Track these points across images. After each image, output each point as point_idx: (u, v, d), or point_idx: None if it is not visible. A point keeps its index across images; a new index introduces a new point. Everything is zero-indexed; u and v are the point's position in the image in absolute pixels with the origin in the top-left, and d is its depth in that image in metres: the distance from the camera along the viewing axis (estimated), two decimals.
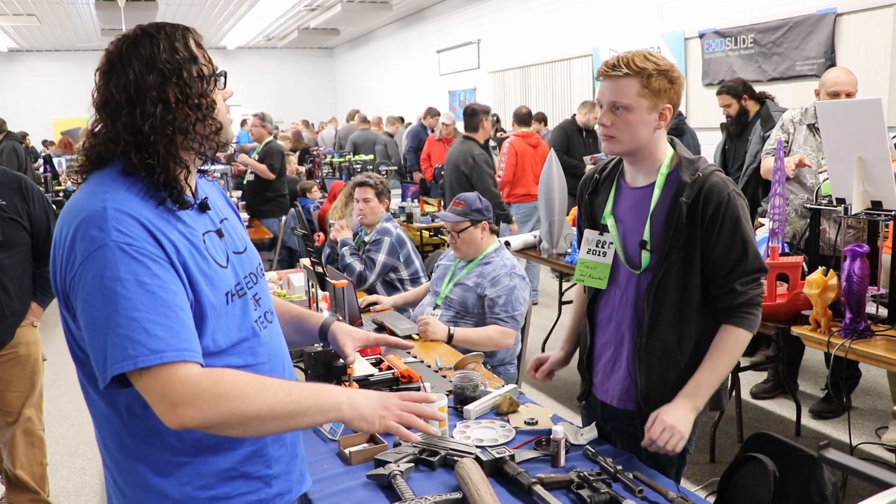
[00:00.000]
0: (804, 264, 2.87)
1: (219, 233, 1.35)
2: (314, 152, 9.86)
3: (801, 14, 6.05)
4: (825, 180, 3.17)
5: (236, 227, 1.44)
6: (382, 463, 1.81)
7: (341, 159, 8.71)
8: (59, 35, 15.00)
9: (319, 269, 3.05)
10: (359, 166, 7.88)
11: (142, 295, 1.14)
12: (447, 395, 2.15)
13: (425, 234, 6.95)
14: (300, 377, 2.28)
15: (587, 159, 5.82)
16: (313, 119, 15.63)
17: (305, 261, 3.41)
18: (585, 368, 2.02)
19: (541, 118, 8.87)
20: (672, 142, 1.88)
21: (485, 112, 5.66)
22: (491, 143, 7.65)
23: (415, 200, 7.07)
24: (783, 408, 4.01)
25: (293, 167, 8.21)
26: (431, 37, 13.23)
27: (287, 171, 7.54)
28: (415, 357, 2.69)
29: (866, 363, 2.58)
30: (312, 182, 7.84)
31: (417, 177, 8.68)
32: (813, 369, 4.38)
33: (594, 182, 1.99)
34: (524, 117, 6.59)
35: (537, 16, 9.91)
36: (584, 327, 2.01)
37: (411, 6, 13.00)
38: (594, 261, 1.94)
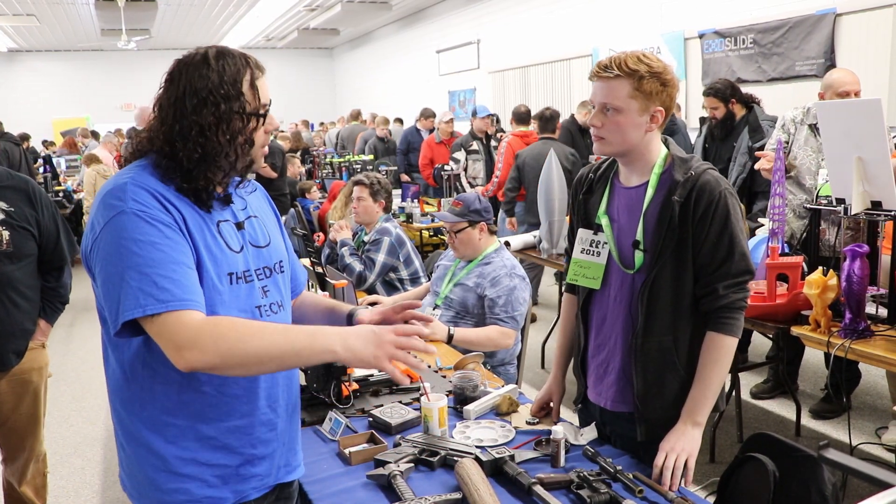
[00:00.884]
0: (804, 264, 2.87)
1: (239, 225, 1.47)
2: (314, 152, 9.86)
3: (801, 14, 6.05)
4: (825, 182, 3.18)
5: (265, 226, 1.55)
6: (382, 463, 1.81)
7: (341, 159, 8.71)
8: (59, 35, 15.00)
9: (319, 270, 3.05)
10: (359, 166, 7.88)
11: (153, 253, 1.29)
12: (447, 395, 2.14)
13: (425, 234, 6.95)
14: (300, 376, 2.28)
15: (592, 158, 5.82)
16: (313, 119, 15.63)
17: (305, 261, 3.41)
18: (580, 371, 2.02)
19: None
20: (666, 141, 1.87)
21: (557, 116, 6.11)
22: (492, 143, 7.66)
23: (415, 200, 7.07)
24: (783, 408, 4.01)
25: (296, 169, 8.20)
26: (431, 37, 13.23)
27: (289, 173, 7.54)
28: (415, 357, 2.68)
29: (866, 363, 2.58)
30: (312, 182, 7.84)
31: (403, 178, 8.62)
32: (813, 369, 4.38)
33: (588, 181, 1.99)
34: (523, 116, 6.58)
35: (537, 16, 9.91)
36: (578, 329, 2.00)
37: (411, 6, 13.00)
38: (588, 260, 1.93)
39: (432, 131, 8.78)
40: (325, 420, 2.10)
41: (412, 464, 1.81)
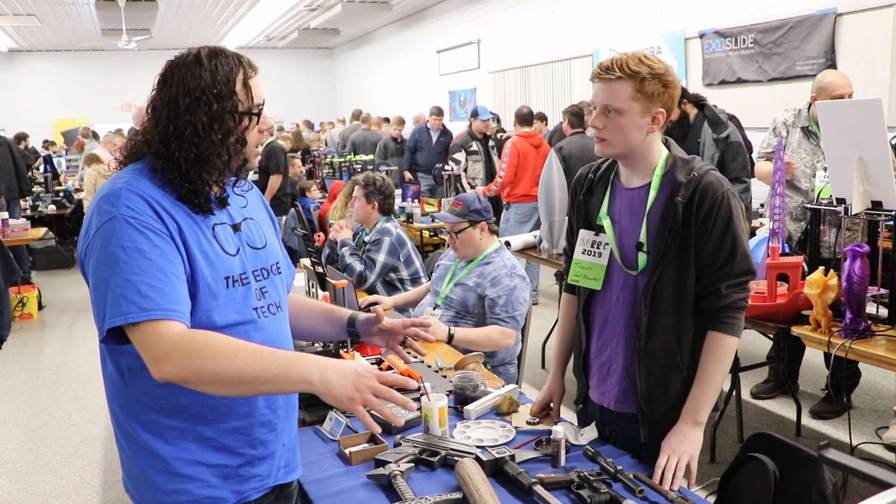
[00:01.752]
0: (804, 264, 2.87)
1: (235, 227, 1.47)
2: (314, 152, 9.85)
3: (801, 14, 6.05)
4: (826, 183, 3.18)
5: (261, 228, 1.55)
6: (383, 463, 1.81)
7: (341, 159, 8.71)
8: (59, 35, 15.00)
9: (319, 269, 3.05)
10: (359, 166, 7.88)
11: (140, 261, 1.29)
12: (447, 395, 2.14)
13: (425, 234, 6.95)
14: None
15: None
16: (314, 119, 15.63)
17: (306, 261, 3.41)
18: (581, 371, 2.01)
19: (542, 117, 8.87)
20: (667, 142, 1.87)
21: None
22: (490, 143, 7.66)
23: (415, 200, 7.07)
24: (783, 408, 4.01)
25: (297, 169, 8.20)
26: (431, 37, 13.23)
27: (291, 173, 7.54)
28: (415, 357, 2.69)
29: (866, 363, 2.58)
30: (312, 182, 7.84)
31: (407, 176, 8.61)
32: (813, 369, 4.38)
33: (588, 182, 1.98)
34: (526, 117, 6.57)
35: (537, 16, 9.91)
36: (580, 329, 2.00)
37: (411, 6, 13.00)
38: (589, 261, 1.93)
39: (444, 132, 8.72)
40: (326, 420, 2.10)
41: (412, 464, 1.81)
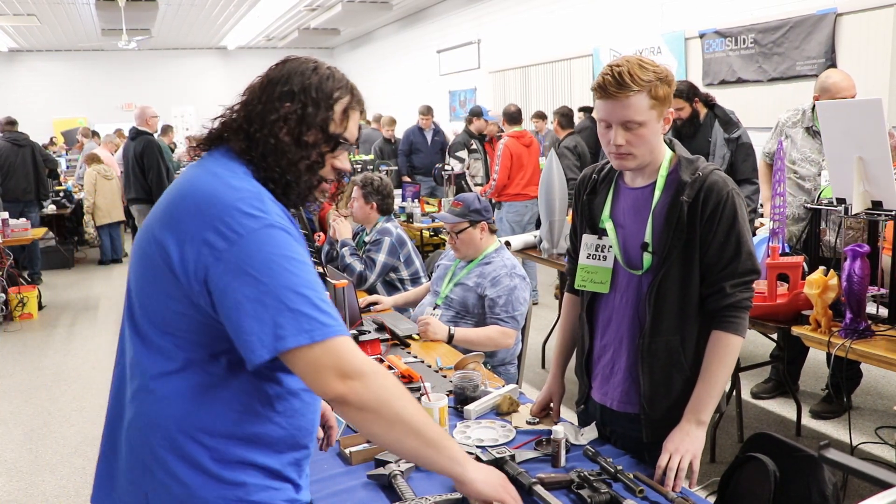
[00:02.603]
0: (804, 264, 2.87)
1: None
2: None
3: (802, 14, 6.05)
4: (827, 183, 3.18)
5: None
6: (383, 463, 1.81)
7: None
8: (59, 35, 14.99)
9: (320, 269, 3.05)
10: (359, 166, 7.88)
11: (307, 274, 1.20)
12: (447, 395, 2.14)
13: (425, 234, 6.95)
14: None
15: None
16: None
17: None
18: (584, 372, 2.01)
19: (541, 115, 8.87)
20: (670, 142, 1.87)
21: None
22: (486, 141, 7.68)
23: (415, 200, 7.07)
24: (783, 408, 4.01)
25: None
26: (431, 37, 13.23)
27: None
28: (415, 357, 2.69)
29: (867, 363, 2.58)
30: None
31: (405, 180, 8.52)
32: (813, 369, 4.38)
33: (592, 182, 1.98)
34: (514, 116, 6.53)
35: (537, 16, 9.91)
36: (583, 330, 2.00)
37: (411, 6, 13.00)
38: (594, 265, 1.93)
39: (437, 130, 8.71)
40: None
41: (412, 463, 1.81)
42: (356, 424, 1.26)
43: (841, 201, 2.69)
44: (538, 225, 6.10)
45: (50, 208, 8.96)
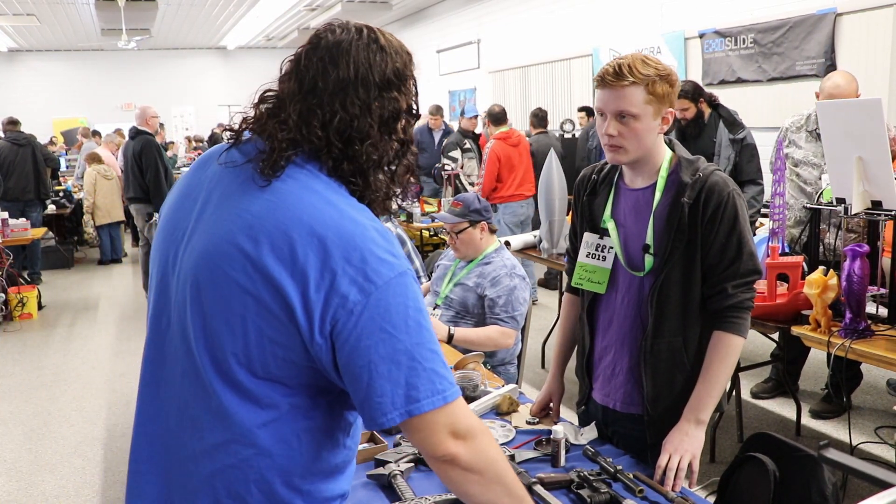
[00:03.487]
0: (804, 264, 2.87)
1: None
2: None
3: (801, 14, 6.05)
4: (827, 185, 3.19)
5: None
6: (382, 463, 1.81)
7: None
8: (59, 35, 14.99)
9: None
10: None
11: (431, 327, 1.11)
12: None
13: (425, 234, 6.95)
14: None
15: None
16: None
17: None
18: (585, 373, 2.01)
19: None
20: (670, 143, 1.87)
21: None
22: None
23: (415, 200, 7.07)
24: (783, 408, 4.01)
25: None
26: (431, 37, 13.23)
27: None
28: None
29: (867, 363, 2.58)
30: None
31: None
32: (813, 369, 4.38)
33: (592, 182, 1.98)
34: (499, 116, 6.45)
35: (537, 16, 9.91)
36: (583, 331, 2.00)
37: (411, 6, 13.01)
38: (593, 265, 1.93)
39: (447, 131, 8.64)
40: None
41: (412, 463, 1.81)
42: (453, 483, 1.16)
43: (841, 201, 2.69)
44: (535, 224, 6.12)
45: (50, 208, 8.96)
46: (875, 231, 2.66)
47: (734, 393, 3.55)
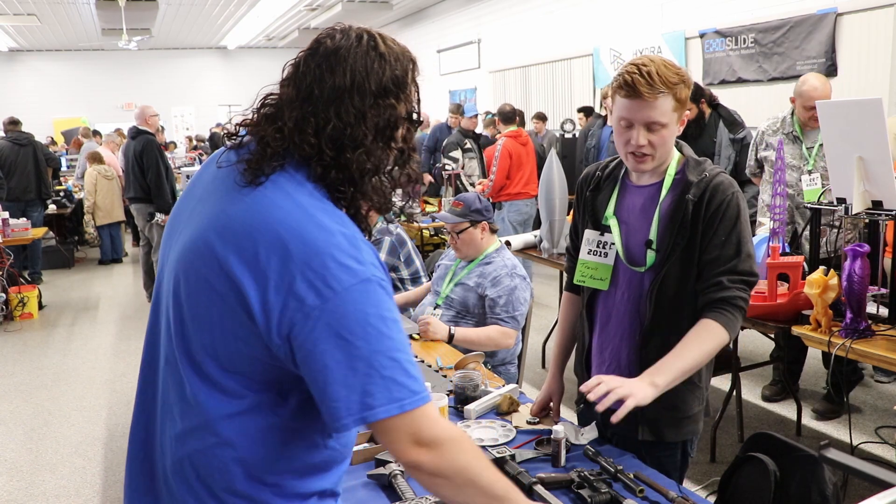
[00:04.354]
0: (804, 264, 2.87)
1: None
2: None
3: (802, 14, 6.06)
4: (811, 187, 3.21)
5: None
6: (383, 462, 1.81)
7: None
8: (59, 35, 15.00)
9: None
10: None
11: (399, 334, 1.10)
12: (447, 395, 2.14)
13: (425, 234, 6.95)
14: None
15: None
16: None
17: None
18: (584, 370, 2.01)
19: (542, 117, 8.87)
20: (678, 143, 1.87)
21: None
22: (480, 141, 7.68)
23: (415, 201, 7.07)
24: (784, 408, 4.01)
25: None
26: (432, 36, 13.24)
27: None
28: (415, 357, 2.69)
29: (867, 363, 2.59)
30: None
31: (427, 178, 8.20)
32: (814, 369, 4.38)
33: (596, 179, 1.98)
34: (509, 115, 6.52)
35: (537, 16, 9.91)
36: (583, 327, 2.00)
37: (411, 6, 13.01)
38: (595, 261, 1.93)
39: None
40: None
41: None
42: (424, 485, 1.18)
43: (841, 201, 2.69)
44: (536, 224, 6.13)
45: (50, 208, 8.97)
46: (875, 230, 2.66)
47: (734, 393, 3.55)
